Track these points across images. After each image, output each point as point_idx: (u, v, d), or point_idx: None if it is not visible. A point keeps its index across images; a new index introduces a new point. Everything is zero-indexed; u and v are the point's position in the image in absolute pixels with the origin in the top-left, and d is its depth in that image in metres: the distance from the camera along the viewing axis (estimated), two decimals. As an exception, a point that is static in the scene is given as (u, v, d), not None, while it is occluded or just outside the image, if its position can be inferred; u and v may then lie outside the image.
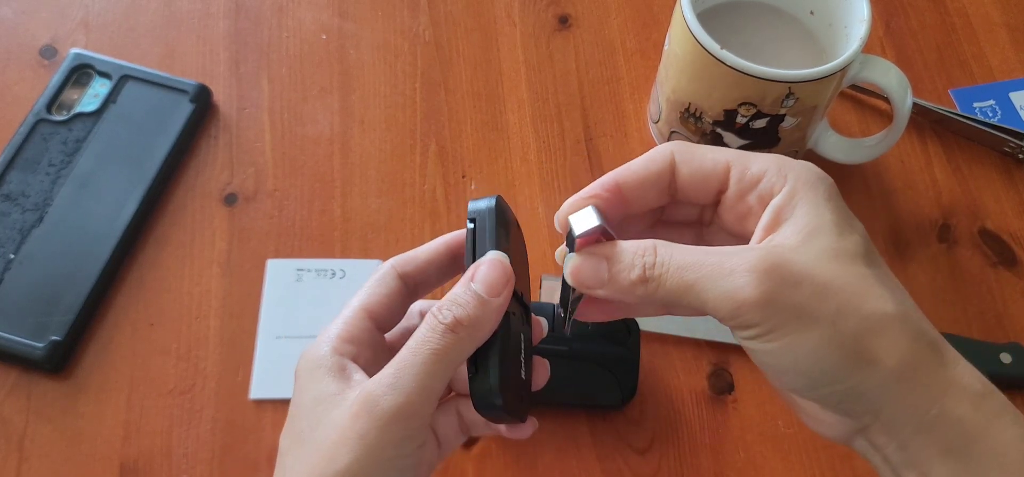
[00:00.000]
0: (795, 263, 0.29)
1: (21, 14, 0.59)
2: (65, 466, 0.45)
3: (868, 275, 0.29)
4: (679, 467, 0.46)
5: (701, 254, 0.30)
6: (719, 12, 0.54)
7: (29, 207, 0.51)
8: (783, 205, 0.31)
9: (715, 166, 0.32)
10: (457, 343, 0.31)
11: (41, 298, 0.48)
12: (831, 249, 0.29)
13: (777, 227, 0.31)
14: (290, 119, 0.57)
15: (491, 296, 0.31)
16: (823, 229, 0.30)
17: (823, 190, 0.31)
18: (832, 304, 0.28)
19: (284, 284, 0.50)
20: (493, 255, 0.32)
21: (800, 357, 0.29)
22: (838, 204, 0.31)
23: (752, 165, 0.32)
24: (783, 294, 0.28)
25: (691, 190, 0.33)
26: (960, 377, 0.29)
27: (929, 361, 0.29)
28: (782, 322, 0.29)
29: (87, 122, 0.54)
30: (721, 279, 0.29)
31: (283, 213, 0.53)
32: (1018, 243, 0.54)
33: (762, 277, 0.28)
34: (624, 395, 0.46)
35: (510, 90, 0.59)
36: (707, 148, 0.33)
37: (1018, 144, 0.57)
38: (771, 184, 0.31)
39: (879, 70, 0.50)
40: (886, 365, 0.28)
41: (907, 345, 0.29)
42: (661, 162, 0.33)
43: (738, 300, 0.28)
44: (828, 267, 0.29)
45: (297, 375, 0.34)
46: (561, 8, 0.63)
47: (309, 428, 0.32)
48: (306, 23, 0.61)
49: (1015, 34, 0.63)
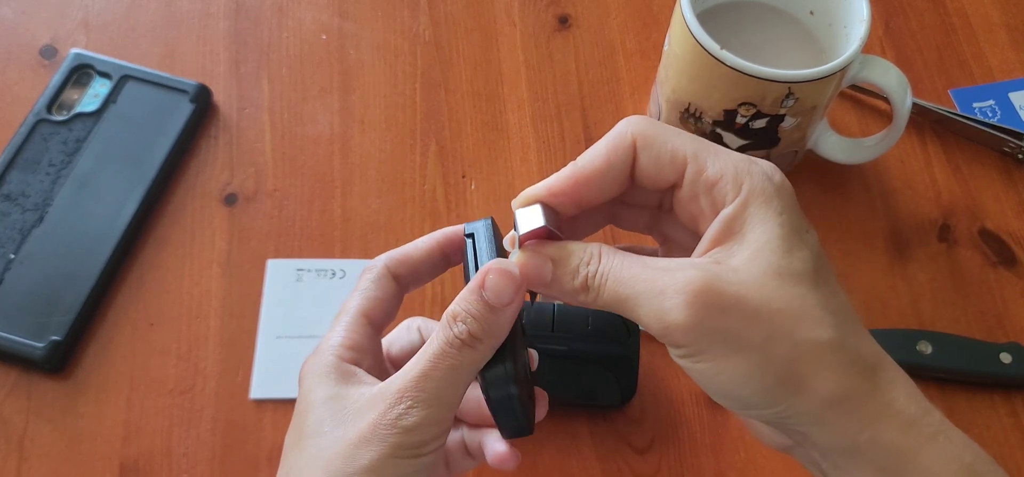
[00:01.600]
0: (729, 286, 0.28)
1: (21, 14, 0.59)
2: (65, 466, 0.45)
3: (808, 298, 0.29)
4: (679, 467, 0.46)
5: (639, 268, 0.30)
6: (719, 12, 0.54)
7: (29, 207, 0.51)
8: (733, 217, 0.30)
9: (673, 160, 0.31)
10: (473, 357, 0.31)
11: (41, 298, 0.48)
12: (773, 269, 0.29)
13: (724, 240, 0.30)
14: (290, 119, 0.57)
15: (502, 305, 0.31)
16: (769, 247, 0.29)
17: (777, 203, 0.30)
18: (763, 330, 0.28)
19: (284, 284, 0.50)
20: (501, 262, 0.32)
21: (728, 381, 0.29)
22: (791, 217, 0.30)
23: (709, 166, 0.31)
24: (710, 320, 0.28)
25: (647, 179, 0.32)
26: (894, 401, 0.29)
27: (862, 388, 0.29)
28: (709, 346, 0.29)
29: (87, 122, 0.54)
30: (652, 298, 0.29)
31: (283, 213, 0.53)
32: (1018, 243, 0.54)
33: (691, 300, 0.28)
34: (624, 395, 0.46)
35: (510, 90, 0.59)
36: (670, 134, 0.32)
37: (1018, 144, 0.57)
38: (724, 192, 0.30)
39: (879, 70, 0.50)
40: (817, 393, 0.28)
41: (839, 374, 0.28)
42: (622, 153, 0.32)
43: (665, 322, 0.28)
44: (766, 290, 0.29)
45: (303, 379, 0.34)
46: (561, 8, 0.63)
47: (321, 425, 0.31)
48: (306, 23, 0.61)
49: (1015, 34, 0.63)
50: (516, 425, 0.34)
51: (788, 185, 0.31)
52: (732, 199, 0.30)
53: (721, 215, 0.30)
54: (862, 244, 0.54)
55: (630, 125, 0.32)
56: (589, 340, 0.46)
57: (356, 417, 0.31)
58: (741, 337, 0.28)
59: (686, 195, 0.32)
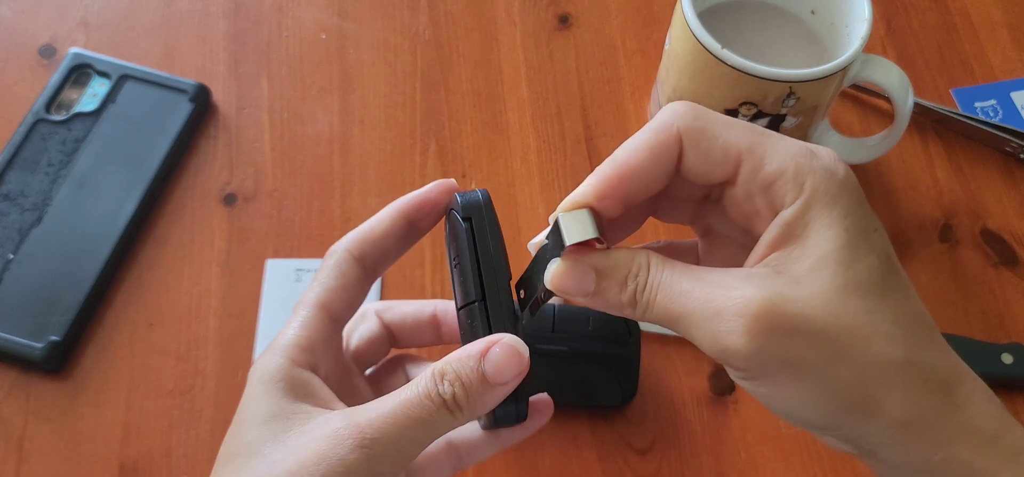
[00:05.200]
0: (791, 306, 0.26)
1: (20, 13, 0.59)
2: (64, 467, 0.45)
3: (876, 312, 0.26)
4: (680, 468, 0.46)
5: (691, 282, 0.27)
6: (720, 11, 0.54)
7: (28, 207, 0.51)
8: (794, 220, 0.27)
9: (725, 157, 0.28)
10: (449, 421, 0.29)
11: (40, 298, 0.48)
12: (838, 283, 0.26)
13: (784, 244, 0.28)
14: (290, 119, 0.57)
15: (499, 384, 0.29)
16: (834, 256, 0.27)
17: (842, 204, 0.27)
18: (829, 352, 0.26)
19: (283, 284, 0.50)
20: (512, 340, 0.29)
21: (793, 404, 0.27)
22: (856, 220, 0.27)
23: (768, 163, 0.28)
24: (773, 345, 0.26)
25: (696, 176, 0.29)
26: (971, 420, 0.27)
27: (935, 407, 0.27)
28: (772, 370, 0.27)
29: (86, 122, 0.54)
30: (708, 320, 0.27)
31: (282, 213, 0.53)
32: (1019, 243, 0.54)
33: (751, 324, 0.26)
34: (624, 395, 0.46)
35: (510, 90, 0.59)
36: (721, 125, 0.29)
37: (1019, 144, 0.56)
38: (783, 192, 0.28)
39: (880, 70, 0.49)
40: (887, 415, 0.27)
41: (911, 394, 0.27)
42: (666, 148, 0.29)
43: (723, 345, 0.26)
44: (832, 306, 0.26)
45: (250, 382, 0.31)
46: (561, 7, 0.62)
47: (259, 445, 0.29)
48: (306, 23, 0.61)
49: (1016, 33, 0.63)
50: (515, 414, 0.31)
51: (852, 178, 0.28)
52: (792, 200, 0.27)
53: (780, 217, 0.28)
54: (863, 244, 0.54)
55: (676, 117, 0.29)
56: (589, 340, 0.45)
57: (298, 448, 0.28)
58: (806, 361, 0.26)
59: (741, 194, 0.29)
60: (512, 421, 0.31)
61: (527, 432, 0.35)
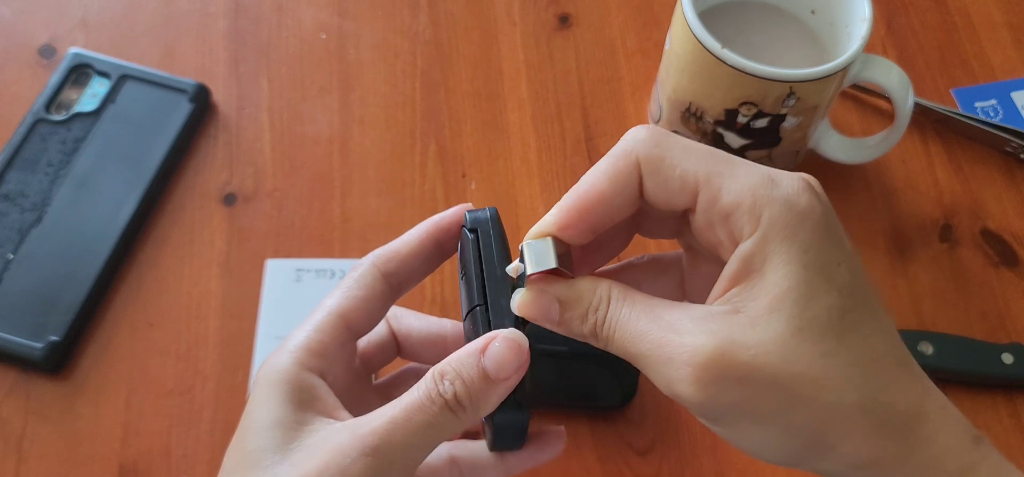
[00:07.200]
0: (742, 353, 0.26)
1: (20, 13, 0.59)
2: (64, 467, 0.45)
3: (832, 356, 0.26)
4: (680, 468, 0.46)
5: (647, 321, 0.27)
6: (720, 11, 0.54)
7: (28, 207, 0.51)
8: (751, 255, 0.27)
9: (683, 186, 0.28)
10: (453, 423, 0.28)
11: (40, 298, 0.48)
12: (793, 326, 0.26)
13: (743, 279, 0.27)
14: (289, 119, 0.57)
15: (500, 378, 0.28)
16: (789, 296, 0.26)
17: (801, 238, 0.27)
18: (782, 400, 0.26)
19: (283, 284, 0.50)
20: (511, 333, 0.29)
21: (749, 445, 0.28)
22: (817, 255, 0.27)
23: (725, 193, 0.27)
24: (722, 394, 0.26)
25: (658, 203, 0.29)
26: (934, 459, 0.27)
27: (896, 450, 0.26)
28: (725, 414, 0.27)
29: (86, 122, 0.54)
30: (661, 365, 0.27)
31: (282, 213, 0.53)
32: (1020, 243, 0.54)
33: (700, 374, 0.26)
34: (624, 396, 0.46)
35: (510, 90, 0.59)
36: (678, 154, 0.28)
37: (1020, 144, 0.56)
38: (741, 225, 0.27)
39: (880, 70, 0.49)
40: (845, 457, 0.27)
41: (870, 438, 0.26)
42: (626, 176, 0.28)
43: (675, 392, 0.27)
44: (784, 353, 0.26)
45: (256, 384, 0.31)
46: (561, 7, 0.62)
47: (262, 455, 0.28)
48: (305, 22, 0.60)
49: (1017, 33, 0.63)
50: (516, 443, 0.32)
51: (817, 208, 0.27)
52: (750, 233, 0.27)
53: (739, 251, 0.27)
54: (863, 244, 0.54)
55: (636, 144, 0.29)
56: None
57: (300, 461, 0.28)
58: (758, 408, 0.26)
59: (701, 223, 0.28)
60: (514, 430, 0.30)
61: (536, 462, 0.34)
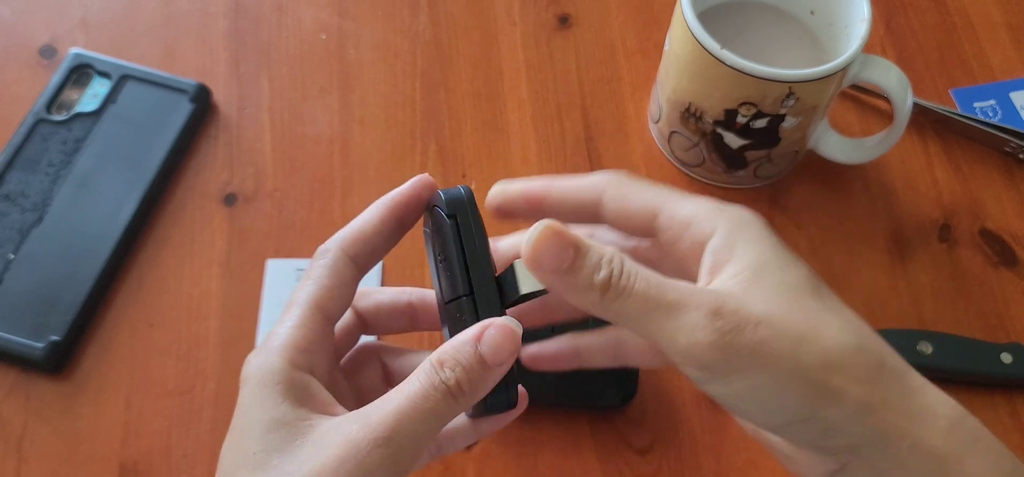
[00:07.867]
0: (749, 303, 0.28)
1: (20, 14, 0.59)
2: (64, 467, 0.45)
3: (820, 308, 0.29)
4: (680, 468, 0.46)
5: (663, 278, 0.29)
6: (719, 12, 0.54)
7: (28, 207, 0.51)
8: (721, 248, 0.30)
9: (642, 209, 0.32)
10: (455, 407, 0.29)
11: (40, 298, 0.48)
12: (780, 284, 0.29)
13: (719, 269, 0.30)
14: (290, 119, 0.57)
15: (496, 363, 0.29)
16: (768, 266, 0.29)
17: (756, 229, 0.30)
18: (790, 339, 0.28)
19: (284, 284, 0.50)
20: (506, 320, 0.30)
21: (763, 396, 0.28)
22: (776, 240, 0.30)
23: (680, 209, 0.31)
24: (741, 336, 0.28)
25: (619, 223, 0.33)
26: (931, 405, 0.29)
27: (897, 390, 0.28)
28: (741, 364, 0.28)
29: (87, 122, 0.54)
30: (681, 314, 0.28)
31: (283, 213, 0.53)
32: (1019, 243, 0.54)
33: (713, 317, 0.27)
34: (624, 395, 0.46)
35: (510, 90, 0.59)
36: (640, 188, 0.33)
37: (1019, 144, 0.57)
38: (702, 230, 0.31)
39: (880, 70, 0.50)
40: (851, 397, 0.28)
41: (871, 376, 0.28)
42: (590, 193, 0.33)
43: (692, 340, 0.28)
44: (780, 303, 0.28)
45: (246, 384, 0.30)
46: (561, 7, 0.62)
47: (266, 456, 0.28)
48: (306, 22, 0.61)
49: (1016, 33, 0.63)
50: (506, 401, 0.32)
51: (761, 219, 0.31)
52: (712, 232, 0.30)
53: (709, 247, 0.30)
54: (863, 244, 0.54)
55: (605, 176, 0.33)
56: (589, 340, 0.45)
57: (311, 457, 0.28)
58: (771, 349, 0.28)
59: (668, 239, 0.32)
60: (503, 408, 0.31)
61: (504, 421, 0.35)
